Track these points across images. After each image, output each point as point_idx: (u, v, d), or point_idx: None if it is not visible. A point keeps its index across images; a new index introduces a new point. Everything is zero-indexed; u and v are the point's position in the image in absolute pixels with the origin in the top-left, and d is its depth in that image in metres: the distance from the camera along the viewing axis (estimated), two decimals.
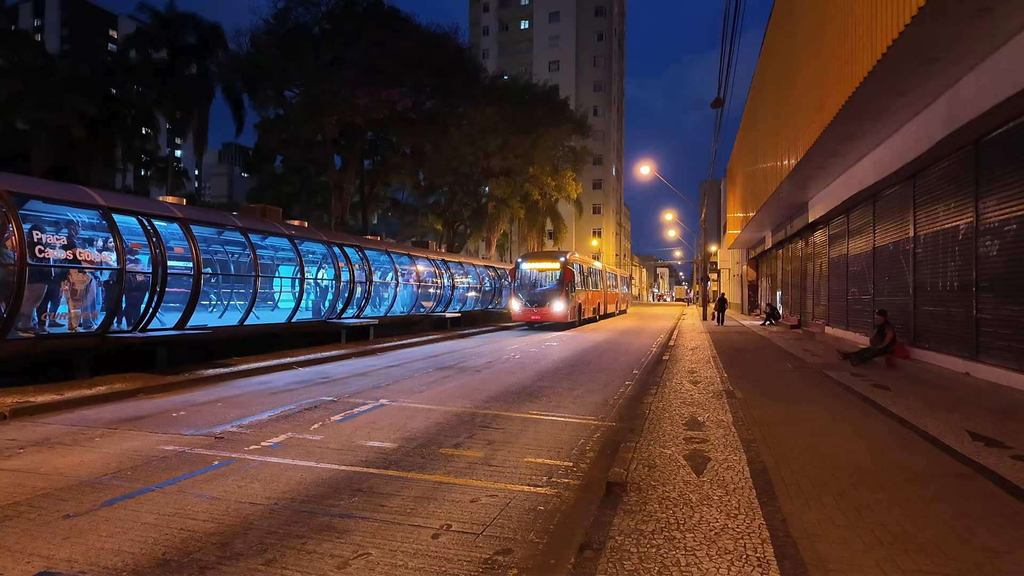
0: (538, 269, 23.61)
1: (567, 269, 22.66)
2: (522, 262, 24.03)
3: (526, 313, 22.89)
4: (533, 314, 22.68)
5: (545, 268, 23.48)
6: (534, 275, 23.63)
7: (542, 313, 22.60)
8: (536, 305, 22.70)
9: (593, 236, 75.93)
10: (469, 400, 8.21)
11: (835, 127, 10.13)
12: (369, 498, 4.36)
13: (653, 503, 4.02)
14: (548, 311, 22.51)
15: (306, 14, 32.46)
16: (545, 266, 23.55)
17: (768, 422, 6.52)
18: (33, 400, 7.25)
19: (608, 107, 76.87)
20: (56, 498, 4.27)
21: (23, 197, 8.16)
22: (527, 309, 22.83)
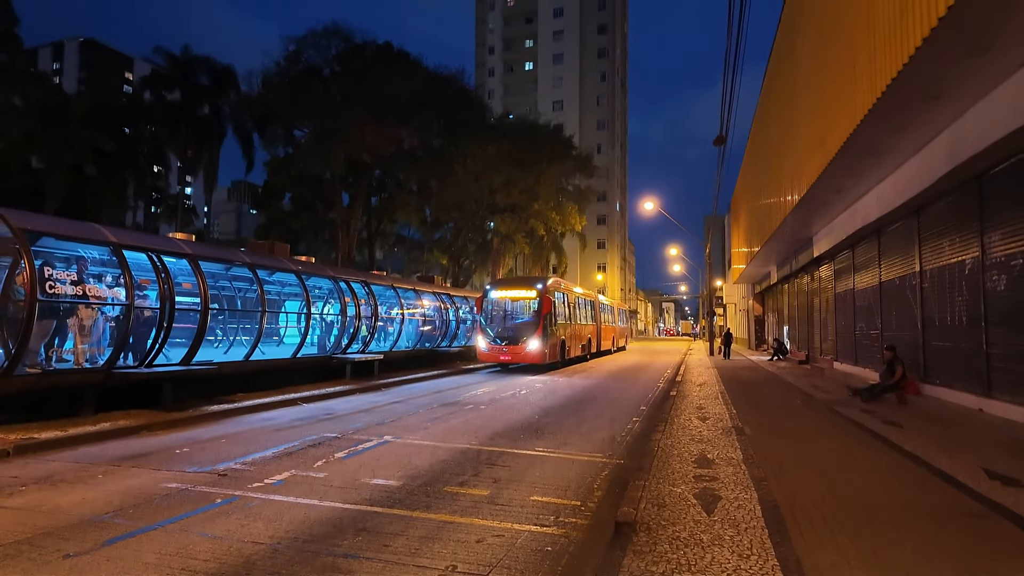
0: (511, 298, 20.08)
1: (545, 298, 19.14)
2: (491, 290, 20.31)
3: (494, 352, 19.09)
4: (503, 353, 18.91)
5: (519, 297, 19.98)
6: (506, 305, 20.13)
7: (514, 352, 18.87)
8: (507, 342, 18.99)
9: (598, 271, 76.10)
10: (474, 437, 8.12)
11: (837, 163, 10.23)
12: (373, 537, 4.28)
13: (663, 543, 3.93)
14: (521, 349, 18.80)
15: (316, 56, 33.40)
16: (519, 294, 19.98)
17: (779, 459, 6.41)
18: (37, 437, 7.22)
19: (611, 144, 78.01)
20: (57, 536, 4.21)
21: (36, 234, 8.30)
22: (495, 347, 19.06)
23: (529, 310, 19.84)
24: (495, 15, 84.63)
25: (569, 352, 21.81)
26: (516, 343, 18.93)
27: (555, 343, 19.87)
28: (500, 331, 19.49)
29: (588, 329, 25.90)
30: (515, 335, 19.12)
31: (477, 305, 19.94)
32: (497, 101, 75.15)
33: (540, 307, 19.11)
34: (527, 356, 18.78)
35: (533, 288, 19.73)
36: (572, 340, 22.32)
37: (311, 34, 33.23)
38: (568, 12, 78.85)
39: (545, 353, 18.89)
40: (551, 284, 20.25)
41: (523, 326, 19.33)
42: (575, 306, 23.53)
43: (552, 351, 19.50)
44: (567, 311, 21.90)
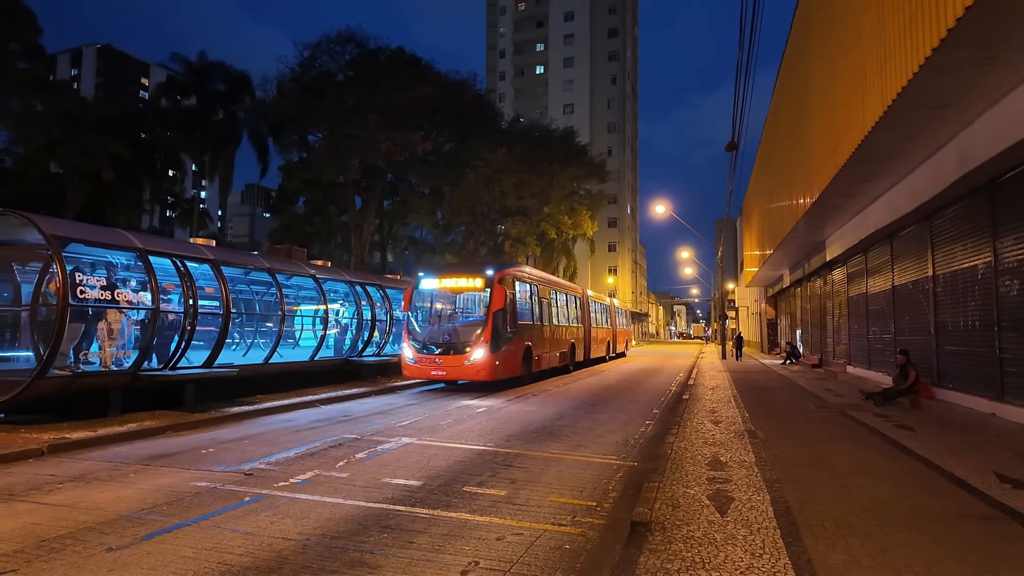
0: (451, 290, 14.97)
1: (498, 289, 13.85)
2: (424, 278, 15.11)
3: (424, 365, 13.87)
4: (435, 367, 13.73)
5: (462, 288, 14.82)
6: (444, 300, 15.44)
7: (451, 365, 13.69)
8: (442, 351, 13.81)
9: (609, 273, 76.07)
10: (490, 439, 8.27)
11: (848, 169, 10.30)
12: (398, 535, 4.45)
13: (678, 542, 4.07)
14: (460, 361, 13.59)
15: (330, 62, 33.87)
16: (462, 284, 14.73)
17: (791, 462, 6.51)
18: (69, 436, 7.47)
19: (622, 148, 78.05)
20: (98, 531, 4.42)
21: (66, 240, 8.59)
22: (425, 358, 13.83)
23: (475, 306, 15.31)
24: (506, 19, 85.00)
25: (539, 363, 16.85)
26: (455, 352, 13.73)
27: (514, 352, 14.74)
28: (432, 336, 14.37)
29: (570, 332, 20.97)
30: (453, 341, 13.99)
31: (404, 300, 14.47)
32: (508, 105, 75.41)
33: (491, 302, 13.82)
34: (469, 370, 13.54)
35: (480, 276, 14.32)
36: (544, 347, 17.40)
37: (325, 40, 33.72)
38: (579, 16, 79.05)
39: (496, 365, 13.77)
40: (508, 271, 15.15)
41: (465, 328, 14.29)
42: (548, 302, 18.52)
43: (508, 362, 14.40)
44: (535, 308, 17.04)
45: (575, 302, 22.45)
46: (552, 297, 19.06)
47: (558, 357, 19.00)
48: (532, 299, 16.84)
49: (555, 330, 18.96)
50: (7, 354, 9.93)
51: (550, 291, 18.98)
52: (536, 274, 18.50)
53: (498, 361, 13.83)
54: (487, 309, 13.97)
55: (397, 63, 33.63)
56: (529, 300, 16.56)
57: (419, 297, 14.93)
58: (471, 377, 13.71)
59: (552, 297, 19.06)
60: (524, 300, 16.13)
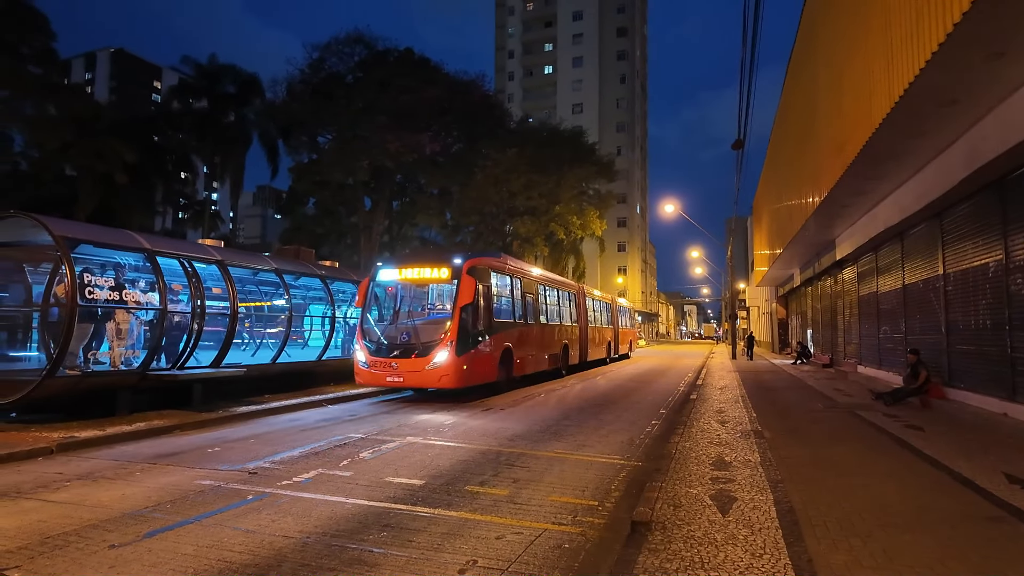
0: (413, 281, 13.00)
1: (466, 281, 11.68)
2: (381, 270, 13.04)
3: (378, 371, 11.87)
4: (391, 373, 11.75)
5: (425, 280, 12.88)
6: (404, 295, 13.52)
7: (409, 371, 11.67)
8: (399, 353, 11.82)
9: (619, 273, 75.92)
10: (494, 438, 8.27)
11: (856, 167, 10.21)
12: (397, 533, 4.46)
13: (678, 542, 4.04)
14: (420, 367, 11.57)
15: (339, 64, 34.02)
16: (426, 275, 12.71)
17: (796, 462, 6.46)
18: (77, 435, 7.56)
19: (631, 147, 77.86)
20: (102, 529, 4.47)
21: (75, 241, 8.69)
22: (380, 363, 11.83)
23: (440, 300, 13.50)
24: (514, 20, 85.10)
25: (522, 366, 14.85)
26: (414, 355, 11.68)
27: (488, 354, 12.75)
28: (389, 336, 12.31)
29: (563, 332, 18.92)
30: (412, 342, 11.98)
31: (359, 294, 12.52)
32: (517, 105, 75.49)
33: (457, 295, 11.67)
34: (430, 376, 11.53)
35: (446, 265, 12.37)
36: (528, 348, 15.37)
37: (334, 41, 33.90)
38: (587, 15, 78.99)
39: (464, 371, 11.70)
40: (480, 260, 13.00)
41: (427, 327, 12.27)
42: (534, 297, 16.41)
43: (480, 366, 12.39)
44: (518, 304, 15.01)
45: (569, 299, 20.55)
46: (540, 292, 17.09)
47: (547, 360, 17.04)
48: (515, 294, 14.87)
49: (543, 330, 16.99)
50: (19, 354, 10.08)
51: (537, 285, 16.90)
52: (519, 265, 16.19)
53: (466, 365, 11.74)
54: (454, 305, 11.77)
55: (406, 64, 33.74)
56: (511, 295, 14.65)
57: (377, 291, 13.05)
58: (432, 384, 11.73)
59: (540, 292, 17.09)
60: (503, 294, 14.27)
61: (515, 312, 14.76)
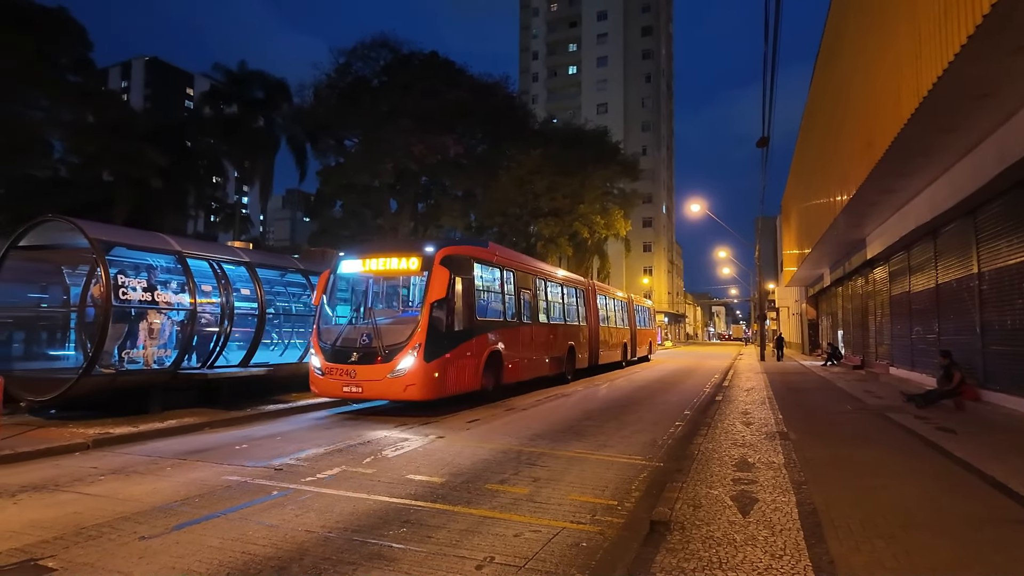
0: (378, 274, 11.10)
1: (438, 272, 9.94)
2: (344, 260, 11.28)
3: (335, 378, 10.10)
4: (348, 382, 9.99)
5: (392, 272, 10.98)
6: (368, 289, 11.45)
7: (367, 379, 9.91)
8: (358, 359, 10.02)
9: (644, 274, 75.29)
10: (515, 438, 8.30)
11: (885, 164, 9.97)
12: (417, 529, 4.52)
13: (696, 542, 4.02)
14: (382, 374, 9.83)
15: (365, 68, 34.52)
16: (393, 266, 10.84)
17: (822, 464, 6.35)
18: (112, 431, 7.80)
19: (657, 147, 77.19)
20: (133, 521, 4.62)
21: (109, 244, 8.97)
22: (337, 369, 10.09)
23: (409, 293, 11.72)
24: (539, 21, 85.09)
25: (515, 372, 13.02)
26: (375, 360, 9.84)
27: (468, 358, 10.96)
28: (348, 338, 10.39)
29: (568, 333, 17.05)
30: (373, 345, 9.99)
31: (318, 287, 10.92)
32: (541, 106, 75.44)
33: (428, 289, 9.95)
34: (394, 386, 9.73)
35: (417, 254, 10.58)
36: (522, 351, 13.51)
37: (360, 46, 34.39)
38: (612, 15, 78.59)
39: (436, 379, 9.94)
40: (457, 249, 11.29)
41: (391, 328, 10.26)
42: (531, 293, 14.46)
43: (458, 373, 10.60)
44: (510, 301, 13.16)
45: (576, 296, 18.68)
46: (539, 288, 15.23)
47: (548, 364, 15.23)
48: (506, 289, 13.09)
49: (543, 330, 15.11)
50: (57, 353, 10.45)
51: (535, 280, 15.04)
52: (511, 256, 14.29)
53: (438, 372, 9.94)
54: (422, 300, 10.09)
55: (430, 67, 34.04)
56: (501, 290, 12.91)
57: (339, 284, 11.30)
58: (396, 396, 9.83)
59: (539, 288, 15.23)
60: (492, 289, 12.66)
61: (506, 310, 12.97)
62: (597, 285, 21.67)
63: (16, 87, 23.62)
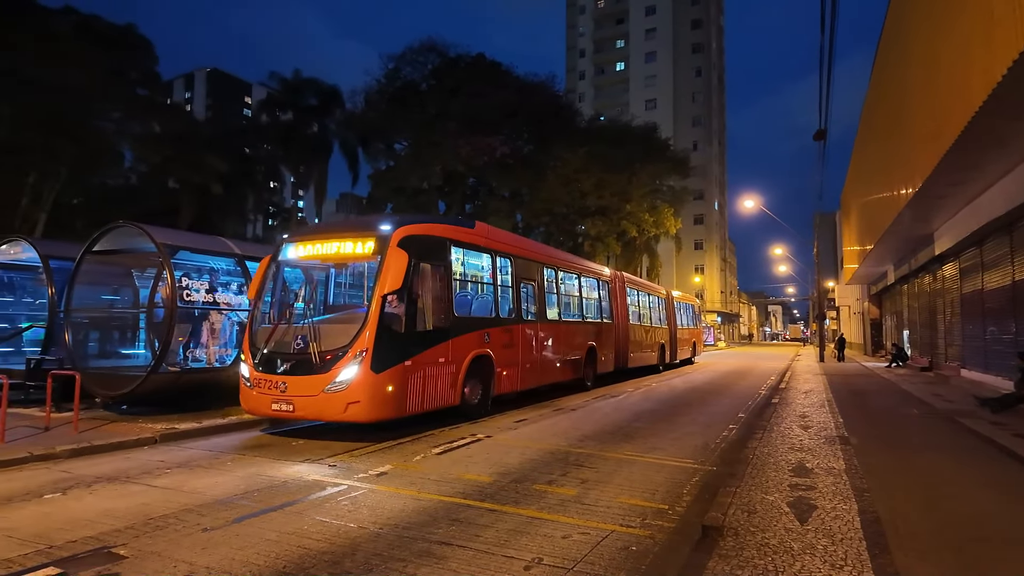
0: (325, 259, 8.87)
1: (394, 254, 7.85)
2: (288, 246, 9.01)
3: (264, 391, 7.94)
4: (278, 398, 7.80)
5: (344, 258, 8.66)
6: (315, 280, 9.50)
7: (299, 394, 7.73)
8: (291, 368, 7.89)
9: (696, 273, 73.68)
10: (563, 438, 8.26)
11: (953, 155, 9.41)
12: (465, 528, 4.56)
13: (751, 549, 3.90)
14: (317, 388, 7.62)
15: (413, 72, 35.15)
16: (345, 250, 8.50)
17: (886, 471, 6.06)
18: (177, 427, 8.19)
19: (708, 141, 75.43)
20: (196, 513, 4.84)
21: (175, 248, 9.43)
22: (265, 381, 7.93)
23: (359, 283, 9.46)
24: (585, 18, 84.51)
25: (513, 381, 10.93)
26: (310, 370, 7.74)
27: (441, 369, 8.75)
28: (279, 342, 8.15)
29: (586, 333, 14.73)
30: (307, 351, 7.85)
31: (254, 281, 8.94)
32: (588, 104, 74.88)
33: (379, 278, 7.86)
34: (333, 404, 7.58)
35: (369, 235, 8.44)
36: (520, 356, 11.21)
37: (408, 51, 35.05)
38: (660, 10, 77.27)
39: (389, 394, 7.78)
40: (420, 228, 8.93)
41: (329, 327, 8.24)
42: (533, 284, 12.10)
43: (424, 386, 8.37)
44: (503, 293, 11.04)
45: (599, 289, 16.18)
46: (546, 279, 12.72)
47: (558, 369, 12.93)
48: (500, 279, 10.85)
49: (550, 330, 12.53)
50: (128, 351, 11.05)
51: (540, 268, 12.53)
52: (505, 239, 11.75)
53: (393, 385, 7.78)
54: (372, 291, 7.86)
55: (476, 69, 34.37)
56: (493, 281, 10.63)
57: (281, 274, 9.01)
58: (336, 416, 7.65)
59: (546, 279, 12.72)
60: (478, 280, 10.51)
61: (500, 305, 10.76)
62: (626, 277, 18.88)
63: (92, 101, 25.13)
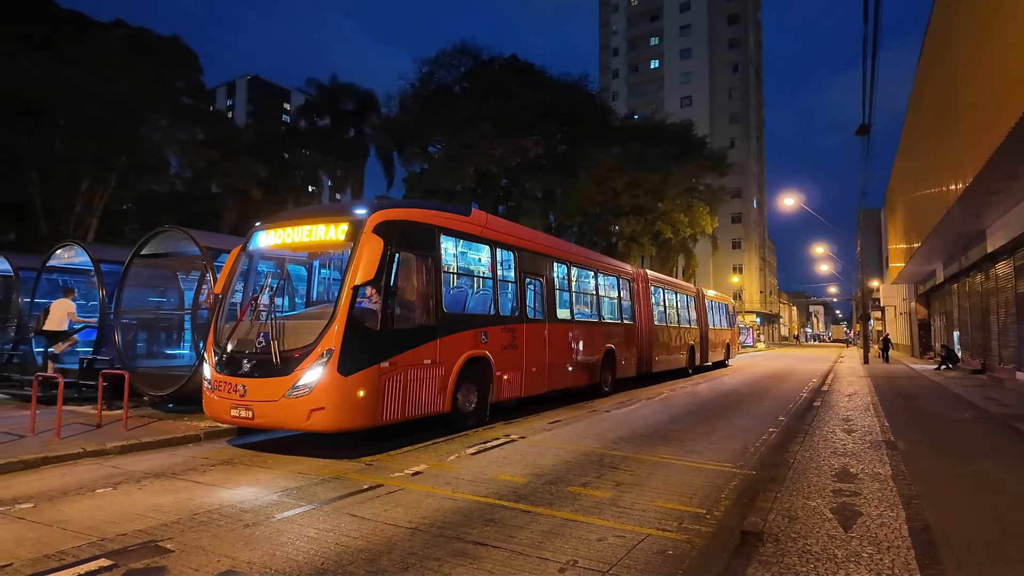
0: (298, 246, 7.87)
1: (370, 243, 6.90)
2: (259, 234, 8.11)
3: (223, 396, 7.14)
4: (237, 403, 6.98)
5: (314, 245, 7.70)
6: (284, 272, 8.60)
7: (259, 399, 6.88)
8: (250, 370, 7.04)
9: (734, 272, 72.34)
10: (598, 440, 8.20)
11: (1008, 148, 8.98)
12: (500, 528, 4.56)
13: (792, 556, 3.80)
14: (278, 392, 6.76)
15: (447, 75, 35.51)
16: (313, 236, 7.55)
17: (935, 478, 5.84)
18: (220, 425, 8.41)
19: (746, 138, 73.97)
20: (239, 509, 4.97)
21: (217, 251, 9.71)
22: (225, 384, 7.12)
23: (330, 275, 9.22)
24: (619, 16, 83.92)
25: (516, 386, 10.03)
26: (271, 372, 6.92)
27: (427, 372, 7.84)
28: (240, 340, 7.42)
29: (603, 333, 13.68)
30: (268, 351, 6.99)
31: (222, 273, 8.19)
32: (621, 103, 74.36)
33: (350, 269, 6.95)
34: (295, 410, 6.71)
35: (343, 219, 7.56)
36: (522, 359, 10.19)
37: (442, 54, 35.44)
38: (695, 6, 76.21)
39: (361, 400, 6.88)
40: (400, 213, 7.97)
41: (298, 325, 7.41)
42: (539, 280, 11.12)
43: (404, 391, 7.44)
44: (504, 288, 10.10)
45: (618, 287, 15.15)
46: (556, 274, 11.81)
47: (571, 373, 11.95)
48: (501, 273, 9.98)
49: (561, 330, 11.67)
50: (174, 352, 11.42)
51: (549, 263, 11.57)
52: (509, 229, 10.74)
53: (365, 390, 6.88)
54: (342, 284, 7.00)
55: (509, 71, 34.50)
56: (493, 274, 9.73)
57: (252, 266, 8.26)
58: (298, 425, 6.81)
59: (556, 274, 11.81)
60: (475, 273, 9.82)
61: (501, 301, 9.79)
62: (650, 275, 17.75)
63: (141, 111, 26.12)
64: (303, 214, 8.23)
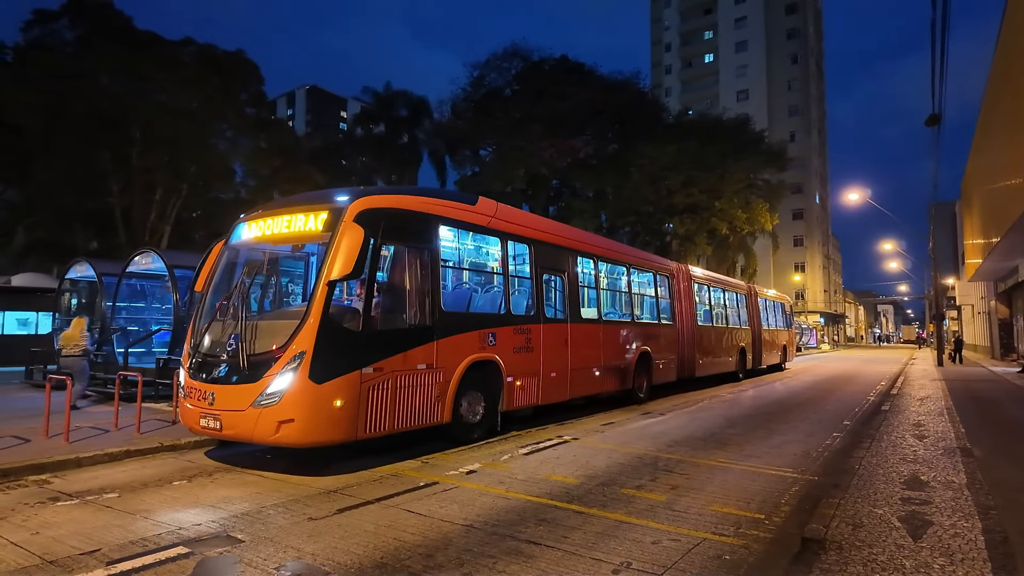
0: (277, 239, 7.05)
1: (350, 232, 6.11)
2: (241, 227, 7.42)
3: (194, 403, 6.56)
4: (205, 412, 6.36)
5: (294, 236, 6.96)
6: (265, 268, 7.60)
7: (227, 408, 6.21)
8: (219, 375, 6.47)
9: (795, 271, 69.78)
10: (652, 443, 8.11)
11: None
12: (553, 528, 4.60)
13: (856, 564, 3.68)
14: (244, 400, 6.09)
15: (498, 78, 35.84)
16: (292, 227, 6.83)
17: (1016, 487, 5.51)
18: None
19: (807, 131, 71.22)
20: (303, 503, 5.20)
21: None
22: (196, 390, 6.54)
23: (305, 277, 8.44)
24: (671, 12, 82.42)
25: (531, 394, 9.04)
26: (239, 378, 6.27)
27: (420, 379, 7.02)
28: (212, 344, 6.89)
29: (636, 335, 12.50)
30: (236, 357, 6.33)
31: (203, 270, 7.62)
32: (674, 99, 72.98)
33: (327, 262, 6.17)
34: (264, 422, 5.96)
35: (321, 207, 6.75)
36: (540, 363, 9.24)
37: (492, 58, 35.79)
38: None
39: (337, 410, 6.07)
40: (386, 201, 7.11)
41: (269, 327, 6.54)
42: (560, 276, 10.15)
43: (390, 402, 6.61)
44: (515, 283, 9.21)
45: (655, 284, 13.92)
46: (581, 269, 10.86)
47: (598, 379, 10.95)
48: (513, 268, 9.12)
49: (586, 331, 10.69)
50: None
51: (572, 257, 10.56)
52: (523, 220, 9.88)
53: (343, 399, 6.13)
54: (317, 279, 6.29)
55: (560, 72, 34.49)
56: (504, 270, 8.84)
57: (236, 262, 7.62)
58: (266, 438, 6.08)
59: (581, 269, 10.86)
60: (482, 268, 9.34)
61: (510, 300, 8.75)
62: (693, 271, 16.46)
63: (208, 121, 27.55)
64: (285, 203, 7.51)
